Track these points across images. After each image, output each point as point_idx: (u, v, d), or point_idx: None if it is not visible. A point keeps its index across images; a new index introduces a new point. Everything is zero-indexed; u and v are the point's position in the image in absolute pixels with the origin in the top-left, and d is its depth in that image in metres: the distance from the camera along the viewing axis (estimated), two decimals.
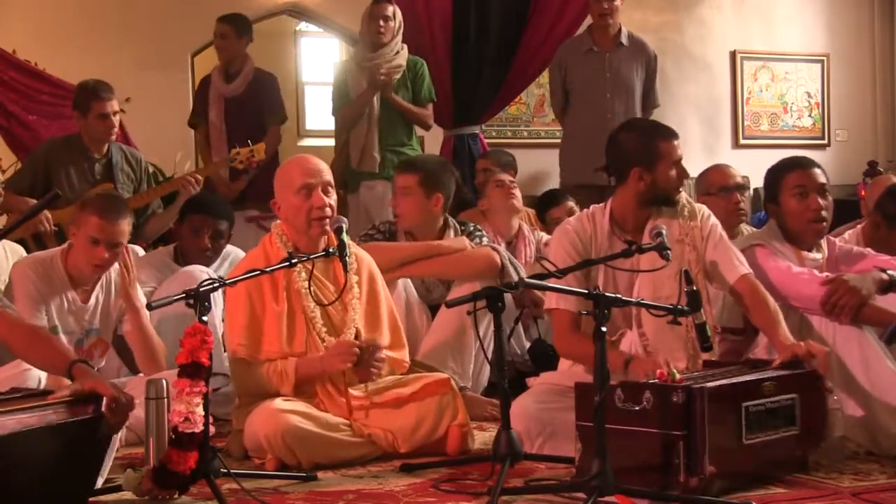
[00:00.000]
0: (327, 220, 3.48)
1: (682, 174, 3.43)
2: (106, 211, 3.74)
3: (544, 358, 4.53)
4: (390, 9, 5.71)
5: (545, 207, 5.86)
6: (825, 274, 3.49)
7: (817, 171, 3.65)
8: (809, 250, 3.66)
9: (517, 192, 5.14)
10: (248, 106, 5.87)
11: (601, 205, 3.52)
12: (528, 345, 4.83)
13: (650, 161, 3.39)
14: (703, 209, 3.51)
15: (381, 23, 5.66)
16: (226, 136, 5.80)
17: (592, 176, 5.51)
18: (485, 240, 4.42)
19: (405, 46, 5.80)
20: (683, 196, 3.51)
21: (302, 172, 3.50)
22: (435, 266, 4.26)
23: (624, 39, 5.81)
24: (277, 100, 6.05)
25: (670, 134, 3.46)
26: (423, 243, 4.31)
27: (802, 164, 3.67)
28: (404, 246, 4.30)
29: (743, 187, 4.50)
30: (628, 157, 3.42)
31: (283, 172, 3.59)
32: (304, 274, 3.48)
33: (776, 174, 3.70)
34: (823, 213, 3.59)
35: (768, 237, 3.66)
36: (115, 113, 4.98)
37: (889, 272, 3.47)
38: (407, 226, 4.36)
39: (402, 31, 5.78)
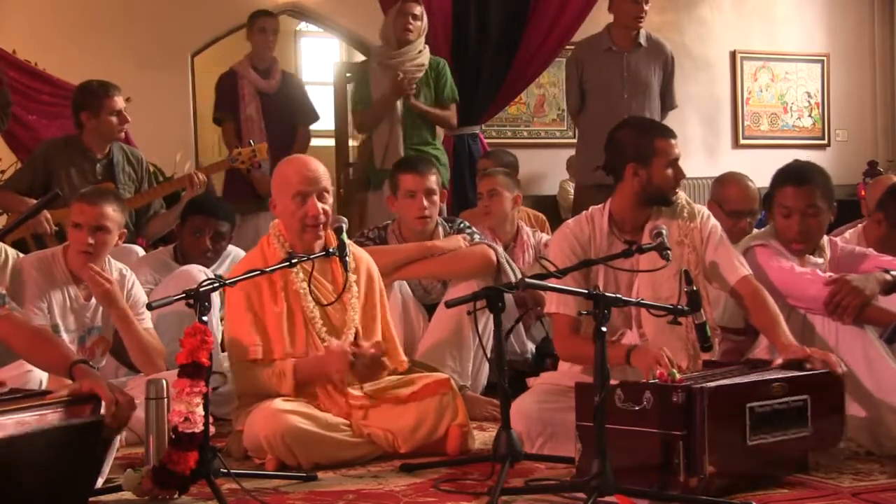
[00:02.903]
0: (321, 226, 3.49)
1: (678, 174, 3.42)
2: (87, 195, 3.80)
3: (549, 359, 4.54)
4: (419, 8, 5.71)
5: None
6: (828, 274, 3.49)
7: (809, 189, 3.58)
8: (812, 253, 3.65)
9: (495, 207, 5.00)
10: (282, 103, 5.97)
11: (600, 206, 3.52)
12: (528, 344, 4.82)
13: (645, 157, 3.38)
14: (703, 211, 3.50)
15: (411, 20, 5.66)
16: (264, 132, 5.85)
17: (608, 176, 5.54)
18: (476, 237, 4.41)
19: (427, 46, 5.81)
20: (683, 197, 3.50)
21: (299, 179, 3.48)
22: (431, 266, 4.26)
23: (643, 40, 5.76)
24: (308, 100, 6.19)
25: (667, 132, 3.45)
26: (417, 244, 4.30)
27: (797, 181, 3.61)
28: (399, 248, 4.30)
29: (755, 213, 4.39)
30: (624, 153, 3.42)
31: (281, 174, 3.56)
32: (301, 274, 3.48)
33: (774, 183, 3.70)
34: (802, 235, 3.59)
35: (770, 238, 3.66)
36: (124, 109, 4.99)
37: (892, 273, 3.47)
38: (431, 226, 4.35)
39: (426, 32, 5.79)
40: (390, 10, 5.81)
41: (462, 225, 4.45)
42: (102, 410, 2.65)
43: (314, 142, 10.00)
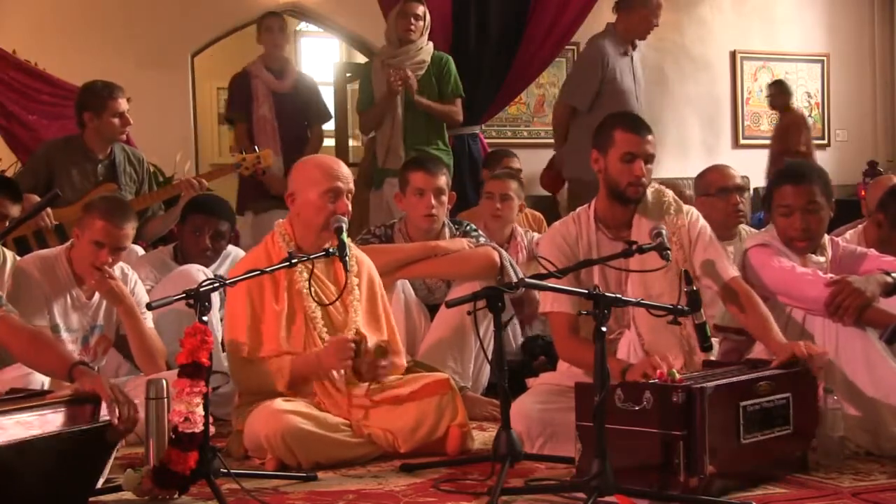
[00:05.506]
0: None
1: (636, 171, 3.34)
2: (112, 215, 3.73)
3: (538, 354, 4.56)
4: (421, 8, 5.75)
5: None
6: (829, 275, 3.49)
7: (807, 186, 3.57)
8: (814, 252, 3.65)
9: (506, 212, 4.97)
10: (296, 103, 6.01)
11: (586, 205, 3.52)
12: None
13: (604, 147, 3.40)
14: (691, 210, 3.51)
15: (412, 21, 5.70)
16: (278, 132, 5.88)
17: None
18: (482, 239, 4.41)
19: (430, 43, 5.84)
20: (670, 194, 3.51)
21: (332, 176, 3.50)
22: (434, 266, 4.26)
23: (635, 42, 5.87)
24: (321, 100, 6.23)
25: (630, 125, 3.40)
26: (421, 244, 4.30)
27: (796, 179, 3.60)
28: (403, 247, 4.29)
29: (742, 188, 4.49)
30: (595, 139, 3.45)
31: (310, 170, 3.57)
32: (305, 274, 3.48)
33: (772, 183, 3.71)
34: (805, 232, 3.58)
35: (770, 238, 3.66)
36: (127, 111, 5.00)
37: (893, 275, 3.46)
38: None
39: (429, 31, 5.83)
40: (392, 11, 5.84)
41: (468, 227, 4.45)
42: (103, 412, 2.65)
43: None
